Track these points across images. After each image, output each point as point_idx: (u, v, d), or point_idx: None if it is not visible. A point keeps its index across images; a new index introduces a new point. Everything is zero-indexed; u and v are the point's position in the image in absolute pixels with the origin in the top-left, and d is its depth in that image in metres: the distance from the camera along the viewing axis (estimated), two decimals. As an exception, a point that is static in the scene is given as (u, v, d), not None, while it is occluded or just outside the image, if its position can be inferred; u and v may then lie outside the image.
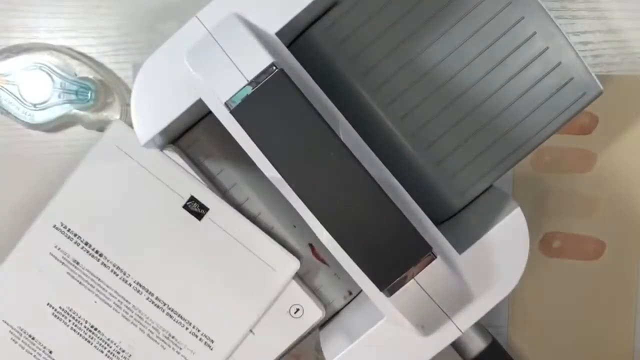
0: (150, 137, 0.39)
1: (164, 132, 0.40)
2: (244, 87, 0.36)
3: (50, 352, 0.44)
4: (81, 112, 0.51)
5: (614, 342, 0.53)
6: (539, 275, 0.53)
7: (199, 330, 0.44)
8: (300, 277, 0.45)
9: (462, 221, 0.43)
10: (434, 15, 0.42)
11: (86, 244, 0.44)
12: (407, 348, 0.40)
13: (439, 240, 0.39)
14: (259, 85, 0.36)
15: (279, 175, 0.36)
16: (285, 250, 0.44)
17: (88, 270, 0.44)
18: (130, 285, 0.44)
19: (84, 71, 0.52)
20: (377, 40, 0.43)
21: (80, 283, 0.44)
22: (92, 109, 0.51)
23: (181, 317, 0.44)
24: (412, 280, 0.37)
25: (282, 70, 0.36)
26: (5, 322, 0.44)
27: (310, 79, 0.39)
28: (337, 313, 0.46)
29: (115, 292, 0.44)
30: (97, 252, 0.44)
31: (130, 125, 0.40)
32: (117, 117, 0.52)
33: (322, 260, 0.46)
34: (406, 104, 0.43)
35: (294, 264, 0.44)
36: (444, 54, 0.43)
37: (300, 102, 0.36)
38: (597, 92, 0.42)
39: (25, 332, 0.44)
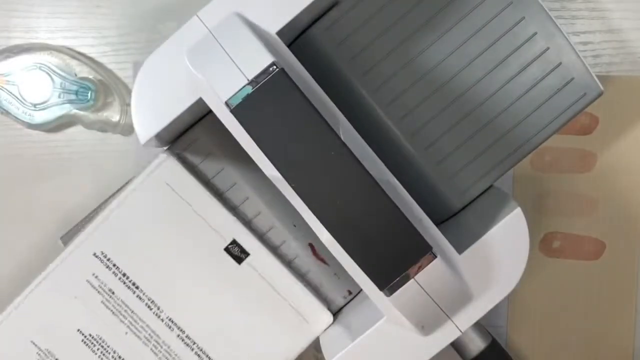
0: (150, 136, 0.39)
1: (164, 131, 0.40)
2: (245, 86, 0.36)
3: None
4: (81, 112, 0.51)
5: (614, 342, 0.53)
6: (539, 275, 0.53)
7: None
8: (302, 275, 0.45)
9: (462, 221, 0.43)
10: (435, 15, 0.42)
11: (124, 274, 0.44)
12: (407, 348, 0.40)
13: (439, 240, 0.39)
14: (259, 84, 0.36)
15: (279, 175, 0.36)
16: (319, 303, 0.44)
17: (123, 301, 0.44)
18: (162, 320, 0.44)
19: (84, 71, 0.52)
20: (377, 40, 0.43)
21: (113, 313, 0.44)
22: (92, 109, 0.51)
23: (209, 358, 0.44)
24: (412, 280, 0.37)
25: (282, 70, 0.36)
26: (34, 342, 0.44)
27: (311, 78, 0.39)
28: (336, 313, 0.46)
29: (147, 325, 0.44)
30: (133, 284, 0.44)
31: (131, 126, 0.39)
32: (117, 117, 0.52)
33: (322, 260, 0.46)
34: (406, 104, 0.43)
35: (326, 318, 0.44)
36: (444, 54, 0.43)
37: (300, 101, 0.36)
38: (598, 92, 0.42)
39: (52, 356, 0.44)
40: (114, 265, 0.44)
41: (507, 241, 0.40)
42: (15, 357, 0.44)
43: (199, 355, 0.44)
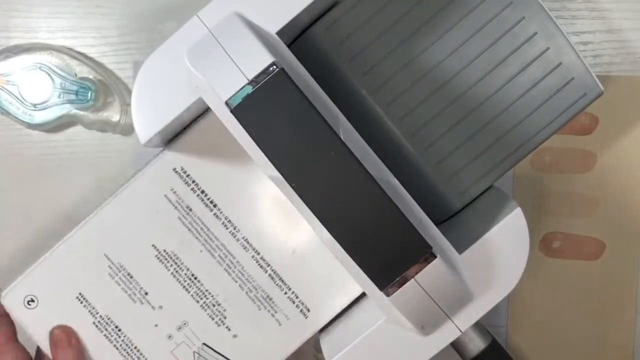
0: (150, 136, 0.39)
1: (164, 130, 0.40)
2: (245, 86, 0.36)
3: (146, 293, 0.44)
4: (81, 112, 0.51)
5: (614, 342, 0.53)
6: (539, 275, 0.53)
7: (297, 297, 0.44)
8: None
9: (462, 221, 0.43)
10: (435, 15, 0.42)
11: (202, 192, 0.43)
12: (407, 348, 0.40)
13: (439, 240, 0.39)
14: (259, 84, 0.36)
15: (279, 175, 0.36)
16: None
17: (199, 219, 0.43)
18: (238, 240, 0.43)
19: (84, 71, 0.52)
20: (377, 40, 0.43)
21: (189, 230, 0.43)
22: (92, 109, 0.51)
23: (282, 281, 0.44)
24: (412, 280, 0.37)
25: (282, 70, 0.36)
26: (107, 256, 0.43)
27: (311, 78, 0.39)
28: None
29: (223, 245, 0.43)
30: (211, 202, 0.43)
31: (131, 126, 0.39)
32: (117, 117, 0.52)
33: None
34: (406, 104, 0.43)
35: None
36: (444, 54, 0.43)
37: (300, 101, 0.36)
38: (598, 92, 0.42)
39: (124, 270, 0.43)
40: (193, 181, 0.43)
41: (507, 241, 0.40)
42: (87, 269, 0.43)
43: (272, 278, 0.44)
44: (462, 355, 0.45)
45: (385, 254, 0.37)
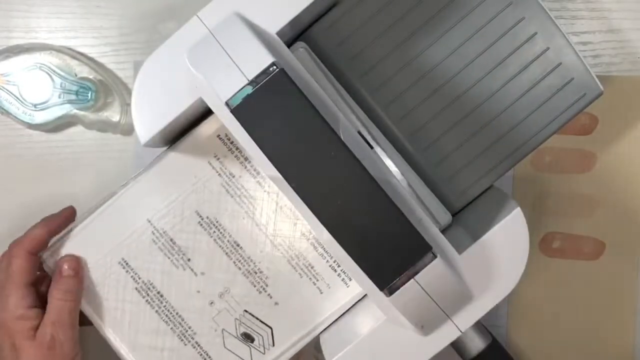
0: (150, 136, 0.39)
1: (164, 130, 0.40)
2: (245, 86, 0.36)
3: (189, 259, 0.44)
4: (81, 112, 0.51)
5: (614, 342, 0.53)
6: (539, 275, 0.53)
7: (339, 266, 0.44)
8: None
9: (462, 221, 0.43)
10: (434, 15, 0.42)
11: (246, 159, 0.43)
12: (407, 348, 0.40)
13: (439, 240, 0.39)
14: (259, 84, 0.36)
15: (279, 175, 0.36)
16: (437, 201, 0.43)
17: (242, 186, 0.43)
18: (281, 208, 0.43)
19: (84, 71, 0.52)
20: (377, 41, 0.43)
21: (232, 197, 0.43)
22: (92, 109, 0.51)
23: (325, 250, 0.44)
24: (412, 280, 0.37)
25: (282, 70, 0.36)
26: (150, 221, 0.43)
27: (311, 78, 0.39)
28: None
29: (266, 212, 0.43)
30: (255, 169, 0.43)
31: (131, 126, 0.39)
32: (117, 117, 0.52)
33: None
34: (406, 104, 0.43)
35: (445, 217, 0.43)
36: (444, 55, 0.43)
37: (300, 101, 0.36)
38: (598, 92, 0.42)
39: (167, 235, 0.44)
40: (237, 148, 0.43)
41: (507, 241, 0.40)
42: (130, 234, 0.44)
43: (314, 247, 0.44)
44: (462, 355, 0.45)
45: (385, 254, 0.37)
